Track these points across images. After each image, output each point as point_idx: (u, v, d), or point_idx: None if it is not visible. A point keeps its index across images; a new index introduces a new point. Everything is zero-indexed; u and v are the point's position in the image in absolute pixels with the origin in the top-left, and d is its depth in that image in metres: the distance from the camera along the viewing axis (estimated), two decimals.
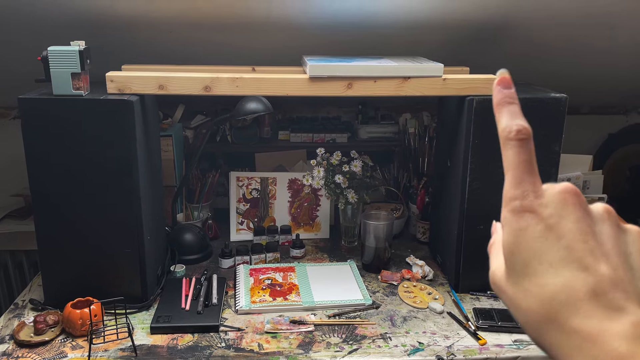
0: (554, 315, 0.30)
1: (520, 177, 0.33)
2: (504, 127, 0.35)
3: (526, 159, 0.34)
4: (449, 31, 1.40)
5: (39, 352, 1.07)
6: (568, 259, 0.31)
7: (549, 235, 0.32)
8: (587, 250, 0.31)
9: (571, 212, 0.32)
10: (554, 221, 0.32)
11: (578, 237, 0.31)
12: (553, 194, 0.33)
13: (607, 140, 2.00)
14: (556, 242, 0.31)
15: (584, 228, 0.32)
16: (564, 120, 1.20)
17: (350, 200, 1.48)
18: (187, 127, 1.69)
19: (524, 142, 0.34)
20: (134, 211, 1.15)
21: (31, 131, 1.10)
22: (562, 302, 0.30)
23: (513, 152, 0.34)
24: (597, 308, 0.29)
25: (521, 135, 0.34)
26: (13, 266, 1.76)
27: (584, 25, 1.39)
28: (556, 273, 0.31)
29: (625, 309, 0.29)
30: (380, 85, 1.16)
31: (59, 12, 1.24)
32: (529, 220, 0.32)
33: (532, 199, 0.33)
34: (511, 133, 0.34)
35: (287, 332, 1.14)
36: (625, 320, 0.29)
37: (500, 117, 0.36)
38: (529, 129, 0.34)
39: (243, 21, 1.32)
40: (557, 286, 0.30)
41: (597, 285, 0.30)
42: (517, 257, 0.32)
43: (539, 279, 0.31)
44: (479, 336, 1.13)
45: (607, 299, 0.30)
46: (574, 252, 0.31)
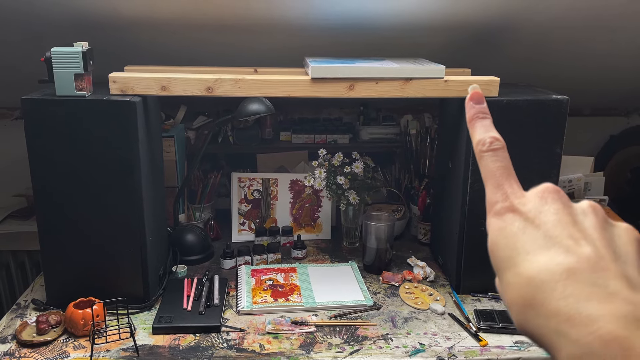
0: (530, 300, 0.29)
1: (498, 182, 0.34)
2: (478, 141, 0.36)
3: (502, 165, 0.35)
4: (451, 33, 1.41)
5: (41, 352, 1.07)
6: (547, 244, 0.30)
7: (527, 227, 0.31)
8: (567, 235, 0.30)
9: (550, 205, 0.32)
10: (532, 215, 0.32)
11: (557, 225, 0.31)
12: (533, 193, 0.33)
13: (609, 142, 2.01)
14: (534, 232, 0.31)
15: (564, 218, 0.31)
16: (566, 121, 1.21)
17: (352, 201, 1.48)
18: (189, 128, 1.69)
19: (498, 151, 0.35)
20: (136, 212, 1.15)
21: (34, 132, 1.10)
22: (538, 285, 0.29)
23: (489, 161, 0.35)
24: (577, 287, 0.28)
25: (495, 145, 0.35)
26: (15, 266, 1.76)
27: (585, 28, 1.39)
28: (534, 259, 0.30)
29: (610, 287, 0.28)
30: (382, 87, 1.17)
31: (62, 13, 1.25)
32: (509, 218, 0.32)
33: (512, 199, 0.33)
34: (485, 145, 0.35)
35: (289, 332, 1.14)
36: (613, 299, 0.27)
37: (474, 132, 0.37)
38: (502, 140, 0.36)
39: (245, 22, 1.32)
40: (534, 270, 0.30)
41: (575, 264, 0.29)
42: (498, 255, 0.32)
43: (518, 268, 0.31)
44: (480, 337, 1.13)
45: (589, 277, 0.28)
46: (552, 238, 0.30)
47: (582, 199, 1.67)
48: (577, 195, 1.68)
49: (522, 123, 1.19)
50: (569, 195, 1.69)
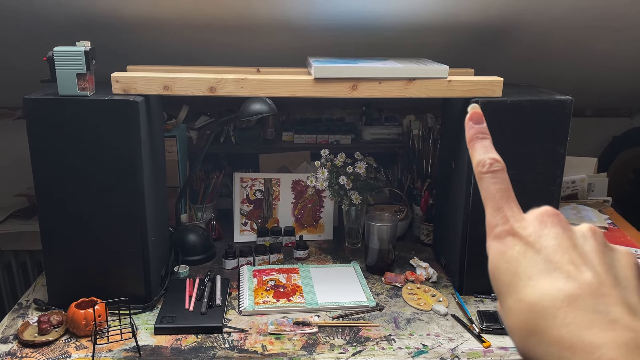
0: (532, 326, 0.29)
1: (498, 205, 0.34)
2: (477, 162, 0.36)
3: (502, 187, 0.35)
4: (454, 33, 1.40)
5: (42, 352, 1.07)
6: (547, 270, 0.30)
7: (528, 251, 0.31)
8: (567, 261, 0.30)
9: (550, 229, 0.32)
10: (532, 239, 0.32)
11: (558, 250, 0.31)
12: (533, 217, 0.33)
13: (612, 143, 2.00)
14: (535, 257, 0.31)
15: (564, 242, 0.31)
16: (569, 122, 1.20)
17: (354, 201, 1.47)
18: (191, 127, 1.69)
19: (498, 173, 0.35)
20: (138, 211, 1.15)
21: (36, 131, 1.10)
22: (539, 312, 0.29)
23: (489, 183, 0.35)
24: (578, 314, 0.28)
25: (494, 167, 0.35)
26: (17, 266, 1.76)
27: (588, 28, 1.39)
28: (535, 285, 0.30)
29: (611, 313, 0.28)
30: (385, 87, 1.16)
31: (65, 12, 1.24)
32: (509, 242, 0.32)
33: (512, 223, 0.33)
34: (485, 167, 0.35)
35: (291, 333, 1.14)
36: (614, 327, 0.27)
37: (474, 153, 0.37)
38: (502, 162, 0.36)
39: (247, 22, 1.32)
40: (535, 296, 0.30)
41: (576, 290, 0.29)
42: (499, 280, 0.32)
43: (519, 294, 0.31)
44: (483, 339, 1.12)
45: (590, 303, 0.28)
46: (553, 263, 0.30)
47: (586, 199, 1.66)
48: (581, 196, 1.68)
49: (526, 124, 1.19)
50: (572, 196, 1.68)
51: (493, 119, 1.17)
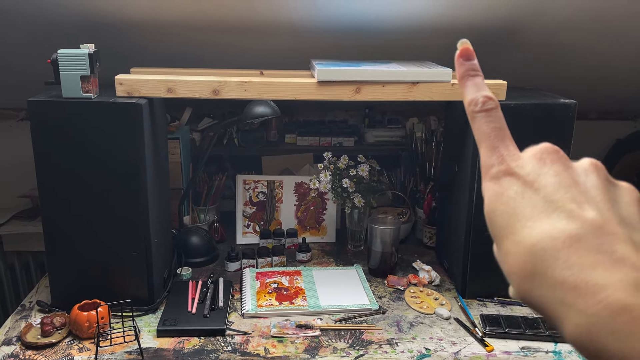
0: (532, 269, 0.28)
1: (493, 144, 0.32)
2: (470, 100, 0.34)
3: (497, 125, 0.33)
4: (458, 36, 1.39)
5: (45, 354, 1.07)
6: (548, 209, 0.28)
7: (527, 191, 0.30)
8: (569, 199, 0.28)
9: (550, 167, 0.30)
10: (531, 178, 0.30)
11: (558, 188, 0.29)
12: (531, 155, 0.31)
13: (615, 146, 1.99)
14: (534, 196, 0.29)
15: (565, 180, 0.29)
16: (573, 126, 1.20)
17: (357, 204, 1.47)
18: (194, 129, 1.69)
19: (492, 112, 0.33)
20: (141, 213, 1.15)
21: (40, 133, 1.10)
22: (540, 254, 0.27)
23: (483, 122, 0.33)
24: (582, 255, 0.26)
25: (488, 105, 0.34)
26: (20, 267, 1.76)
27: (593, 31, 1.39)
28: (535, 225, 0.28)
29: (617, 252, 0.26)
30: (388, 90, 1.16)
31: (68, 15, 1.25)
32: (507, 182, 0.31)
33: (508, 162, 0.31)
34: (477, 105, 0.34)
35: (294, 336, 1.14)
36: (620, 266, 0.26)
37: (465, 91, 0.35)
38: (496, 99, 0.34)
39: (251, 24, 1.32)
40: (535, 238, 0.28)
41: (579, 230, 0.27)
42: (496, 222, 0.31)
43: (518, 235, 0.29)
44: (486, 343, 1.12)
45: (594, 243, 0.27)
46: (554, 202, 0.28)
47: None
48: None
49: (530, 127, 1.18)
50: None
51: None
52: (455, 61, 0.36)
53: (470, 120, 0.34)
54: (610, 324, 0.25)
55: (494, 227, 0.31)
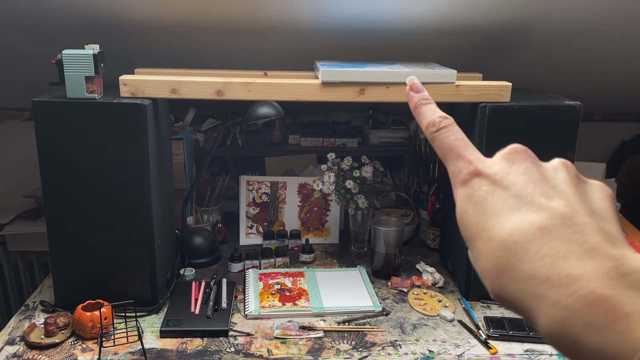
0: (504, 264, 0.27)
1: (458, 153, 0.33)
2: (427, 123, 0.35)
3: (458, 137, 0.33)
4: (462, 37, 1.40)
5: (49, 354, 1.07)
6: (518, 204, 0.28)
7: (496, 190, 0.29)
8: (538, 193, 0.28)
9: (518, 165, 0.30)
10: (499, 177, 0.30)
11: (527, 183, 0.29)
12: (499, 156, 0.31)
13: (620, 148, 1.99)
14: (503, 194, 0.29)
15: (534, 175, 0.29)
16: (578, 128, 1.19)
17: (361, 205, 1.47)
18: (197, 130, 1.69)
19: (449, 127, 0.34)
20: (145, 214, 1.15)
21: (44, 133, 1.10)
22: (510, 248, 0.27)
23: (443, 138, 0.34)
24: (553, 246, 0.26)
25: (445, 122, 0.34)
26: (23, 267, 1.77)
27: (598, 32, 1.38)
28: (503, 221, 0.28)
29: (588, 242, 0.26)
30: (392, 91, 1.16)
31: (73, 15, 1.25)
32: (476, 183, 0.31)
33: (476, 164, 0.31)
34: (435, 125, 0.34)
35: (297, 337, 1.13)
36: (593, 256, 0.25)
37: (421, 117, 0.36)
38: (451, 118, 0.35)
39: (255, 25, 1.32)
40: (505, 232, 0.28)
41: (549, 221, 0.27)
42: (468, 223, 0.30)
43: (488, 233, 0.28)
44: (490, 345, 1.11)
45: (564, 233, 0.26)
46: (522, 197, 0.28)
47: None
48: None
49: (534, 129, 1.18)
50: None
51: (501, 124, 1.17)
52: (407, 95, 0.38)
53: (432, 142, 0.35)
54: (585, 316, 0.24)
55: (465, 228, 0.31)
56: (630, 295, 0.24)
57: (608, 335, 0.23)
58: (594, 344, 0.24)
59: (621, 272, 0.24)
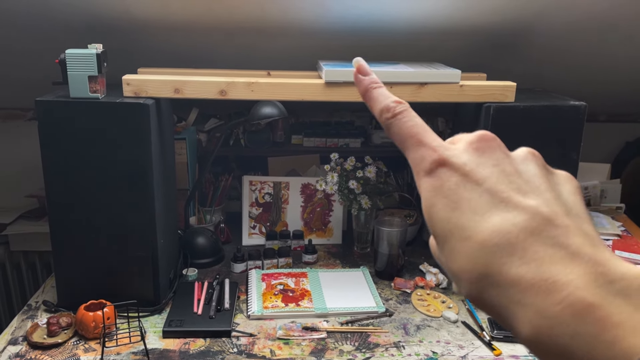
0: (485, 268, 0.26)
1: (418, 140, 0.30)
2: (381, 109, 0.33)
3: (416, 123, 0.31)
4: (467, 37, 1.39)
5: (51, 354, 1.07)
6: (492, 202, 0.27)
7: (467, 182, 0.28)
8: (514, 189, 0.27)
9: (488, 156, 0.28)
10: (469, 168, 0.28)
11: (501, 178, 0.27)
12: (466, 144, 0.29)
13: (625, 149, 1.98)
14: (476, 188, 0.27)
15: (506, 168, 0.28)
16: (583, 128, 1.19)
17: (364, 206, 1.47)
18: (200, 130, 1.69)
19: (405, 112, 0.32)
20: (147, 214, 1.15)
21: (47, 133, 1.10)
22: (492, 251, 0.25)
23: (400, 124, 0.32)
24: (538, 249, 0.25)
25: (401, 107, 0.32)
26: (26, 267, 1.77)
27: (602, 32, 1.38)
28: (481, 220, 0.26)
29: (572, 245, 0.25)
30: (396, 91, 1.15)
31: (76, 14, 1.25)
32: (443, 173, 0.28)
33: (440, 152, 0.29)
34: (389, 111, 0.32)
35: (300, 338, 1.13)
36: (579, 261, 0.24)
37: (373, 102, 0.34)
38: (406, 102, 0.33)
39: (259, 25, 1.32)
40: (486, 233, 0.26)
41: (531, 222, 0.25)
42: (438, 218, 0.28)
43: (465, 231, 0.27)
44: (494, 346, 1.11)
45: (548, 236, 0.25)
46: (498, 193, 0.27)
47: (599, 206, 1.64)
48: (594, 202, 1.66)
49: (539, 129, 1.18)
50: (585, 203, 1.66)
51: (505, 124, 1.17)
52: (355, 78, 0.35)
53: (387, 129, 0.32)
54: (573, 325, 0.23)
55: (434, 223, 0.28)
56: (619, 304, 0.23)
57: (597, 345, 0.22)
58: (582, 354, 0.23)
59: (608, 279, 0.23)
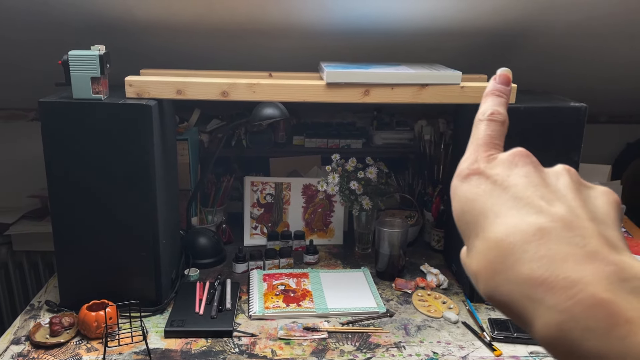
0: (499, 264, 0.26)
1: (476, 147, 0.32)
2: (482, 110, 0.34)
3: (490, 134, 0.32)
4: (468, 39, 1.40)
5: (54, 353, 1.07)
6: (517, 206, 0.28)
7: (495, 189, 0.29)
8: (538, 196, 0.28)
9: (521, 168, 0.30)
10: (500, 177, 0.29)
11: (528, 186, 0.28)
12: (503, 158, 0.31)
13: (626, 150, 1.98)
14: (503, 194, 0.29)
15: (535, 179, 0.29)
16: (584, 129, 1.19)
17: (365, 206, 1.47)
18: (202, 131, 1.70)
19: (495, 123, 0.33)
20: (150, 215, 1.15)
21: (50, 134, 1.11)
22: (507, 248, 0.26)
23: (481, 128, 0.33)
24: (551, 247, 0.25)
25: (494, 117, 0.33)
26: (29, 267, 1.77)
27: (603, 34, 1.38)
28: (502, 221, 0.27)
29: (588, 245, 0.25)
30: (397, 92, 1.16)
31: (80, 15, 1.25)
32: (474, 181, 0.30)
33: (480, 163, 0.31)
34: (484, 115, 0.33)
35: (301, 338, 1.13)
36: (593, 260, 0.24)
37: (483, 103, 0.35)
38: (506, 116, 0.33)
39: (260, 26, 1.32)
40: (502, 232, 0.27)
41: (549, 223, 0.26)
42: (465, 221, 0.30)
43: (486, 232, 0.28)
44: (494, 347, 1.11)
45: (564, 236, 0.26)
46: (523, 199, 0.28)
47: None
48: None
49: (540, 130, 1.18)
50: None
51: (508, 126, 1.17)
52: (491, 80, 0.36)
53: (473, 127, 0.34)
54: (584, 320, 0.23)
55: (462, 227, 0.30)
56: (631, 301, 0.23)
57: (608, 340, 0.23)
58: (594, 350, 0.23)
59: (621, 277, 0.24)
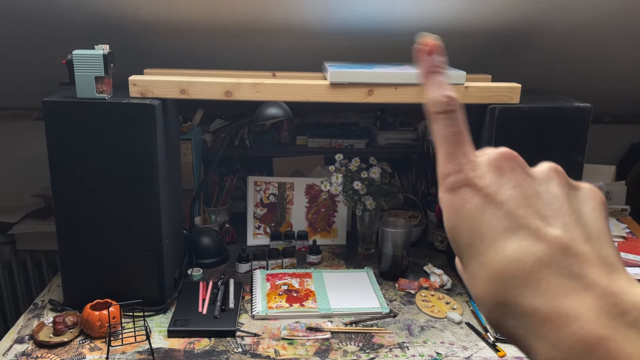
0: (502, 297, 0.26)
1: (451, 150, 0.30)
2: (432, 101, 0.32)
3: (455, 130, 0.31)
4: (471, 39, 1.39)
5: (57, 352, 1.07)
6: (511, 228, 0.27)
7: (487, 206, 0.28)
8: (532, 214, 0.27)
9: (509, 177, 0.29)
10: (491, 190, 0.28)
11: (520, 201, 0.28)
12: (487, 163, 0.29)
13: (630, 150, 1.97)
14: (496, 212, 0.28)
15: (526, 191, 0.28)
16: (588, 130, 1.19)
17: (368, 206, 1.47)
18: (206, 130, 1.70)
19: (452, 114, 0.31)
20: (153, 214, 1.16)
21: (54, 133, 1.11)
22: (508, 281, 0.26)
23: (442, 125, 0.31)
24: (552, 281, 0.25)
25: (448, 106, 0.32)
26: (32, 266, 1.78)
27: (607, 34, 1.37)
28: (500, 247, 0.27)
29: (587, 276, 0.25)
30: (401, 92, 1.16)
31: (84, 16, 1.26)
32: (465, 194, 0.29)
33: (466, 172, 0.29)
34: (438, 106, 0.32)
35: (304, 339, 1.13)
36: (592, 293, 0.24)
37: (427, 90, 0.33)
38: (456, 99, 0.32)
39: (264, 26, 1.32)
40: (502, 262, 0.26)
41: (547, 252, 0.26)
42: (459, 239, 0.29)
43: (484, 257, 0.27)
44: (498, 348, 1.11)
45: (563, 267, 0.25)
46: (517, 218, 0.27)
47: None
48: None
49: (544, 131, 1.18)
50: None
51: (510, 125, 1.17)
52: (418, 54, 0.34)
53: (431, 122, 0.33)
54: (585, 358, 0.23)
55: (457, 245, 0.29)
56: (631, 336, 0.23)
57: None
58: None
59: (620, 310, 0.24)
